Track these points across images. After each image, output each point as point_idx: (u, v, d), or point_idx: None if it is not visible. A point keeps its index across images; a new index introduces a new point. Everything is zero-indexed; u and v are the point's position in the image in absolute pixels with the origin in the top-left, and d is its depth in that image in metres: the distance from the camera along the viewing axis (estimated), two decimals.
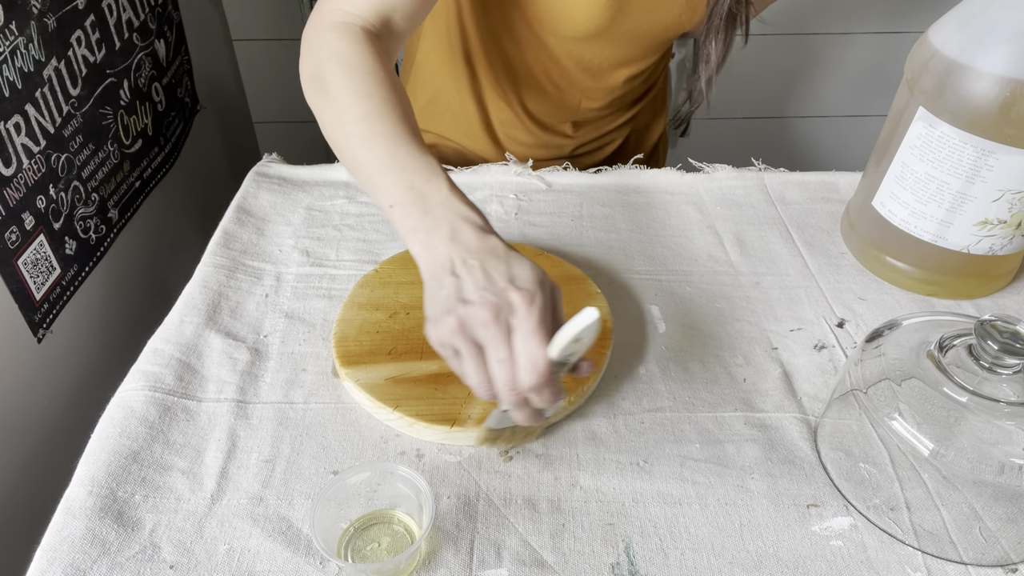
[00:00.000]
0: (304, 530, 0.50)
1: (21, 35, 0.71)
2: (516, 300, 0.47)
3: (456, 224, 0.51)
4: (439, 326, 0.48)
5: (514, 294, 0.47)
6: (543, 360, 0.46)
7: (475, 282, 0.47)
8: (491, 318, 0.46)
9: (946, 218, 0.66)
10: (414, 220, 0.52)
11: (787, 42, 1.55)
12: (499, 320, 0.46)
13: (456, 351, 0.48)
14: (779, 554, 0.50)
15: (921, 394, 0.49)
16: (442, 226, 0.51)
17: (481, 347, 0.47)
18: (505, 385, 0.47)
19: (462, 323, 0.47)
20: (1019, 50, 0.58)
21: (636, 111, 0.92)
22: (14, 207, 0.71)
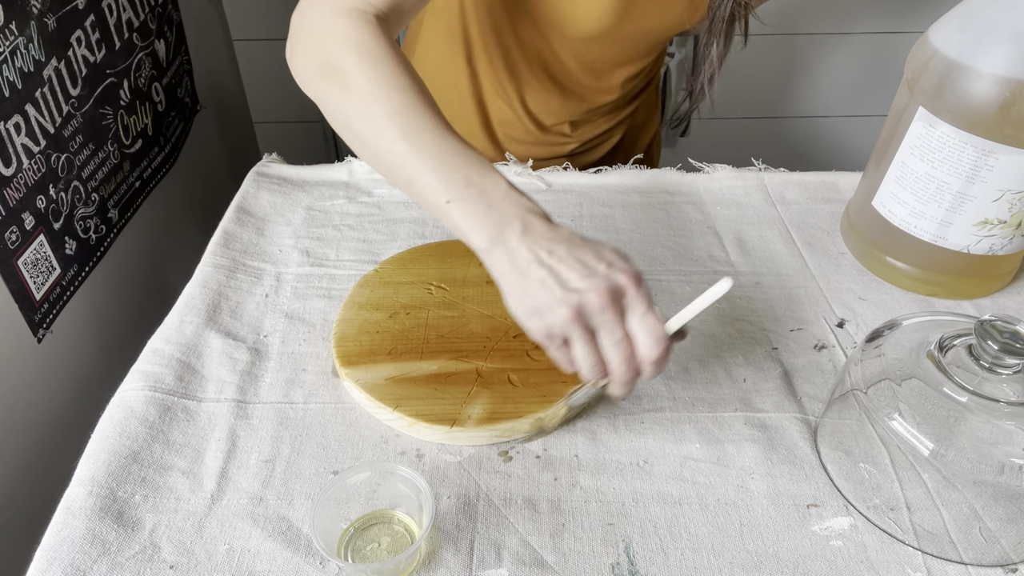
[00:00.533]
0: (304, 530, 0.50)
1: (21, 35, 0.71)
2: (624, 281, 0.48)
3: (525, 217, 0.51)
4: (550, 316, 0.48)
5: (620, 276, 0.48)
6: (664, 334, 0.48)
7: (574, 270, 0.48)
8: (608, 302, 0.47)
9: (946, 218, 0.66)
10: (478, 216, 0.51)
11: (788, 42, 1.55)
12: (615, 303, 0.48)
13: (565, 340, 0.49)
14: (779, 554, 0.50)
15: (921, 394, 0.49)
16: (511, 220, 0.51)
17: (593, 331, 0.49)
18: (622, 363, 0.49)
19: (578, 311, 0.48)
20: (1019, 50, 0.58)
21: (632, 109, 0.92)
22: (14, 207, 0.71)
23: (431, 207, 0.54)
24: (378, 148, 0.55)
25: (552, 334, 0.49)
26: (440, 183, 0.52)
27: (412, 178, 0.53)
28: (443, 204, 0.52)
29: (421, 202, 0.54)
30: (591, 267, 0.49)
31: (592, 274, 0.48)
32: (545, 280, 0.48)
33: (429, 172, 0.52)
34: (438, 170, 0.52)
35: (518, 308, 0.50)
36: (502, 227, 0.51)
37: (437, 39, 0.84)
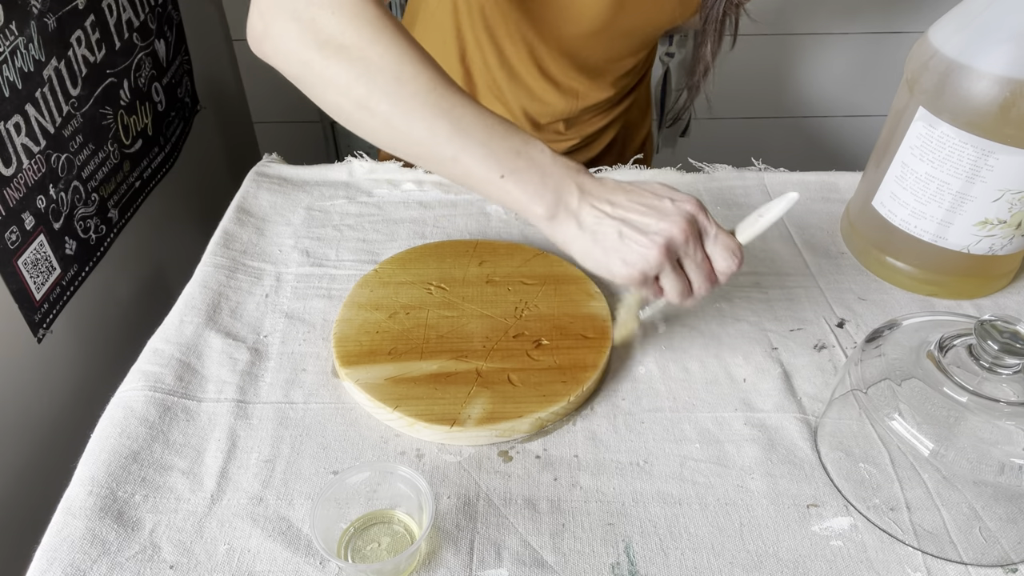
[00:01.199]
0: (304, 530, 0.50)
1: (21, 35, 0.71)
2: (693, 209, 0.52)
3: (577, 179, 0.53)
4: (643, 262, 0.51)
5: (686, 205, 0.52)
6: (738, 246, 0.54)
7: (645, 214, 0.52)
8: (691, 232, 0.52)
9: (946, 218, 0.66)
10: (535, 185, 0.52)
11: (788, 42, 1.55)
12: (695, 231, 0.52)
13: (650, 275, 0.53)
14: (779, 554, 0.50)
15: (921, 394, 0.49)
16: (567, 184, 0.52)
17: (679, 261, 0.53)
18: (704, 282, 0.54)
19: (667, 248, 0.51)
20: (1019, 50, 0.58)
21: (625, 107, 0.92)
22: (14, 207, 0.71)
23: (480, 183, 0.53)
24: (411, 127, 0.52)
25: (647, 277, 0.52)
26: (492, 157, 0.52)
27: (458, 155, 0.52)
28: (497, 179, 0.52)
29: (467, 179, 0.53)
30: (657, 207, 0.52)
31: (663, 212, 0.52)
32: (622, 231, 0.51)
33: (479, 147, 0.52)
34: (487, 144, 0.52)
35: (600, 264, 0.53)
36: (559, 192, 0.52)
37: (430, 38, 0.84)
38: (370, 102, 0.52)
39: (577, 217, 0.52)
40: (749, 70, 1.60)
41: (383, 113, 0.52)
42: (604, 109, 0.89)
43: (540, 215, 0.53)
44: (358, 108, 0.52)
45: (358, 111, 0.53)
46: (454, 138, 0.52)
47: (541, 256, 0.71)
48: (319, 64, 0.52)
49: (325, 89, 0.53)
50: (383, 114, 0.52)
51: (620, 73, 0.84)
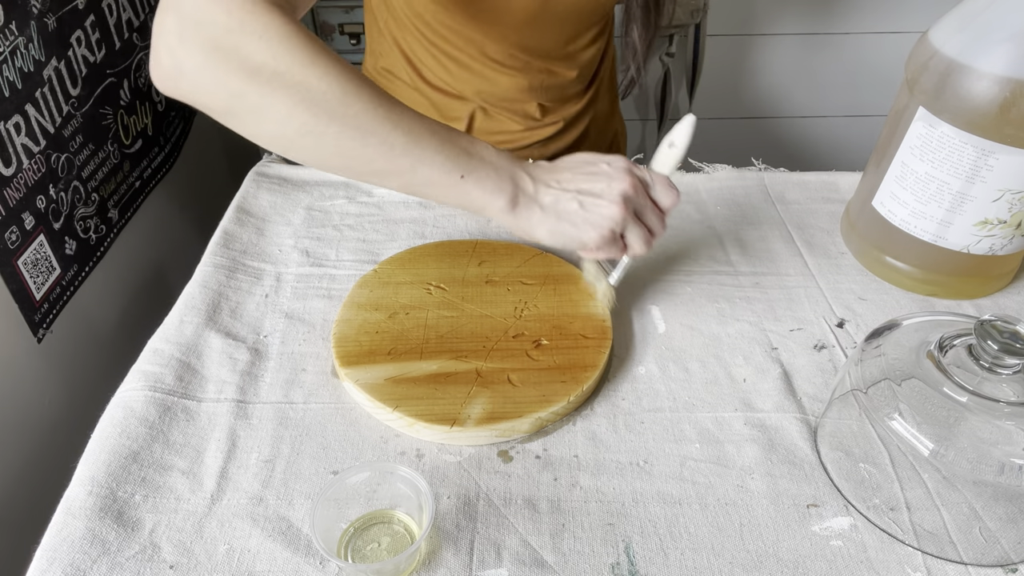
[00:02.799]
0: (304, 530, 0.50)
1: (21, 35, 0.71)
2: (627, 164, 0.58)
3: (524, 167, 0.57)
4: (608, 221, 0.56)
5: (621, 162, 0.58)
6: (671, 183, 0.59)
7: (592, 182, 0.56)
8: (637, 183, 0.57)
9: (946, 218, 0.66)
10: (492, 180, 0.55)
11: (787, 42, 1.55)
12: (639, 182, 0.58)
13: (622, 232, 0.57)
14: (779, 554, 0.50)
15: (921, 394, 0.49)
16: (516, 174, 0.56)
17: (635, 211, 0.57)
18: (659, 223, 0.59)
19: (626, 201, 0.56)
20: (1019, 50, 0.58)
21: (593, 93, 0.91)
22: (14, 207, 0.71)
23: (440, 188, 0.54)
24: (365, 144, 0.51)
25: (614, 235, 0.57)
26: (449, 160, 0.53)
27: (415, 165, 0.52)
28: (458, 180, 0.53)
29: (426, 186, 0.53)
30: (599, 171, 0.57)
31: (606, 174, 0.56)
32: (582, 201, 0.56)
33: (434, 153, 0.52)
34: (441, 150, 0.53)
35: (571, 237, 0.56)
36: (515, 182, 0.55)
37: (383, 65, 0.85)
38: (317, 126, 0.50)
39: (536, 200, 0.56)
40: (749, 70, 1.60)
41: (332, 135, 0.50)
42: (573, 94, 0.89)
43: (502, 207, 0.55)
44: (303, 134, 0.50)
45: (303, 137, 0.50)
46: (410, 148, 0.51)
47: (540, 256, 0.71)
48: (253, 94, 0.49)
49: (261, 120, 0.50)
50: (333, 135, 0.50)
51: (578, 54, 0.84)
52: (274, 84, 0.49)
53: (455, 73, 0.83)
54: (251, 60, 0.48)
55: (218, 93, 0.50)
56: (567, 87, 0.86)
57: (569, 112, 0.89)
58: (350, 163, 0.53)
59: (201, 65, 0.49)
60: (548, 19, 0.78)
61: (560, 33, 0.81)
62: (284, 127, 0.50)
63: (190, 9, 0.48)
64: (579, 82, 0.87)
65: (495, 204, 0.55)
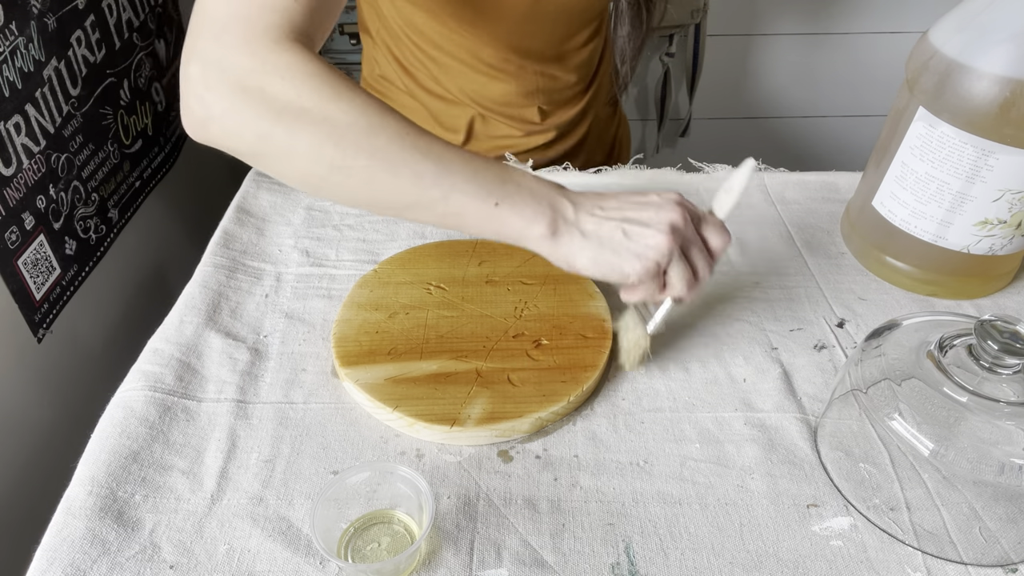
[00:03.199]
0: (304, 530, 0.50)
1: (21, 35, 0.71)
2: (679, 197, 0.54)
3: (562, 194, 0.53)
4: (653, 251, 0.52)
5: (673, 195, 0.54)
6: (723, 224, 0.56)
7: (643, 208, 0.53)
8: (689, 219, 0.54)
9: (946, 218, 0.66)
10: (531, 207, 0.52)
11: (787, 42, 1.55)
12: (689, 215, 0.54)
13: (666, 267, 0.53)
14: (779, 554, 0.50)
15: (921, 394, 0.49)
16: (556, 201, 0.53)
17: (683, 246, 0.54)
18: (707, 266, 0.55)
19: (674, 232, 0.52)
20: (1019, 50, 0.58)
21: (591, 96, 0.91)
22: (14, 207, 0.71)
23: (474, 217, 0.52)
24: (396, 176, 0.50)
25: (659, 265, 0.53)
26: (482, 188, 0.51)
27: (448, 194, 0.50)
28: (492, 208, 0.51)
29: (459, 216, 0.52)
30: (647, 201, 0.54)
31: (655, 204, 0.53)
32: (626, 229, 0.52)
33: (467, 182, 0.51)
34: (474, 178, 0.51)
35: (612, 266, 0.52)
36: (555, 208, 0.52)
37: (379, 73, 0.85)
38: (345, 161, 0.49)
39: (578, 227, 0.52)
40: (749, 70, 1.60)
41: (362, 168, 0.49)
42: (571, 97, 0.89)
43: (541, 235, 0.52)
44: (333, 171, 0.50)
45: (333, 174, 0.50)
46: (441, 178, 0.50)
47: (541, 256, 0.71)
48: (280, 134, 0.49)
49: (289, 159, 0.50)
50: (362, 169, 0.49)
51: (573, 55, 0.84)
52: (301, 121, 0.48)
53: (449, 80, 0.83)
54: (276, 100, 0.48)
55: (246, 135, 0.50)
56: (565, 89, 0.86)
57: (569, 115, 0.89)
58: (379, 197, 0.52)
59: (228, 109, 0.49)
60: (539, 20, 0.78)
61: (552, 34, 0.81)
62: (313, 165, 0.50)
63: (213, 55, 0.49)
64: (577, 84, 0.87)
65: (533, 231, 0.52)
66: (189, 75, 0.50)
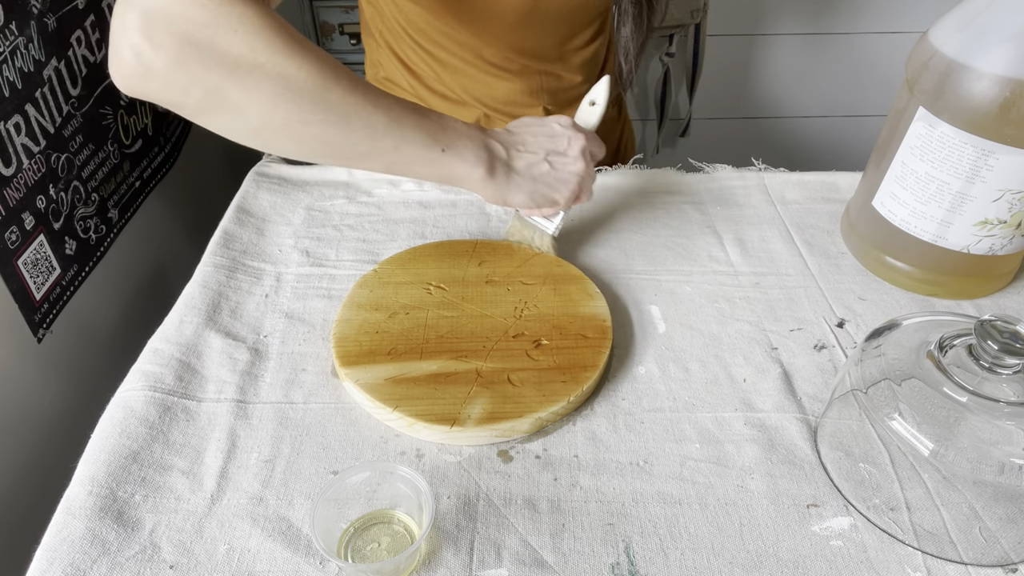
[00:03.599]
0: (304, 530, 0.50)
1: (21, 35, 0.71)
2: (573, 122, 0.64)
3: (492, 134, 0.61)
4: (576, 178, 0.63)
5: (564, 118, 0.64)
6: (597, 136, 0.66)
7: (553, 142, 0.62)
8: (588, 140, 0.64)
9: (946, 218, 0.66)
10: (470, 151, 0.58)
11: (787, 42, 1.55)
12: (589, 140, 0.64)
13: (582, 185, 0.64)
14: (779, 554, 0.50)
15: (921, 394, 0.49)
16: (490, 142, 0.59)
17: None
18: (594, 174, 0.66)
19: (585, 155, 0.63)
20: (1019, 50, 0.58)
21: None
22: (14, 207, 0.71)
23: (423, 163, 0.56)
24: (350, 129, 0.51)
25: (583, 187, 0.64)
26: (429, 136, 0.55)
27: (399, 144, 0.54)
28: (439, 155, 0.56)
29: (409, 163, 0.56)
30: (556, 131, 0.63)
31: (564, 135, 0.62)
32: (551, 160, 0.62)
33: (414, 130, 0.55)
34: (420, 126, 0.55)
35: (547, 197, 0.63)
36: (490, 150, 0.59)
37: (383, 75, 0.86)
38: (302, 115, 0.50)
39: (511, 165, 0.60)
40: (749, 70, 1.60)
41: (317, 122, 0.50)
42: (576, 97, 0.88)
43: (480, 177, 0.58)
44: (288, 124, 0.50)
45: (288, 127, 0.50)
46: (392, 128, 0.53)
47: (540, 256, 0.71)
48: (233, 88, 0.48)
49: (242, 114, 0.49)
50: (318, 124, 0.50)
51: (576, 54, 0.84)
52: (255, 76, 0.48)
53: (453, 80, 0.83)
54: (229, 54, 0.47)
55: (193, 91, 0.48)
56: (570, 89, 0.86)
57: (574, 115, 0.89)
58: (335, 149, 0.53)
59: (173, 62, 0.46)
60: (540, 19, 0.78)
61: (554, 33, 0.81)
62: (267, 119, 0.49)
63: (157, 4, 0.45)
64: (582, 84, 0.87)
65: (474, 174, 0.58)
66: (126, 22, 0.46)
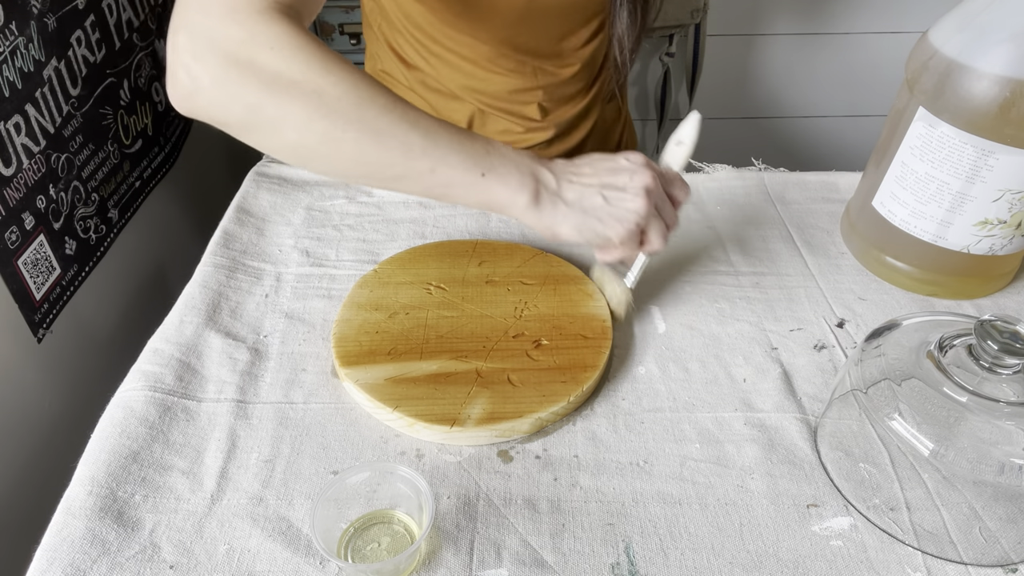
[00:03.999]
0: (304, 530, 0.50)
1: (21, 35, 0.71)
2: (645, 160, 0.58)
3: (541, 163, 0.56)
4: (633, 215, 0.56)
5: (637, 156, 0.58)
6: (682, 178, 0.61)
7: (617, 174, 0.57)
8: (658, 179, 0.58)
9: (946, 218, 0.66)
10: (515, 177, 0.54)
11: (787, 42, 1.55)
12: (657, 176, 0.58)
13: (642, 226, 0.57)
14: (779, 554, 0.50)
15: (921, 394, 0.49)
16: (537, 170, 0.56)
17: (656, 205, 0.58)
18: (674, 217, 0.60)
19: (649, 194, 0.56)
20: (1019, 50, 0.58)
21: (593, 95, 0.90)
22: (14, 207, 0.71)
23: (461, 187, 0.53)
24: (385, 147, 0.51)
25: (639, 226, 0.57)
26: (469, 159, 0.53)
27: (436, 166, 0.52)
28: (479, 179, 0.53)
29: (447, 187, 0.53)
30: (618, 166, 0.57)
31: (628, 170, 0.57)
32: (605, 195, 0.56)
33: (453, 153, 0.52)
34: (460, 149, 0.52)
35: (596, 232, 0.56)
36: (537, 178, 0.55)
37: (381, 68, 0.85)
38: (335, 132, 0.50)
39: (560, 195, 0.55)
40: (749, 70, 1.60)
41: (351, 140, 0.50)
42: (572, 95, 0.88)
43: (525, 204, 0.54)
44: (322, 142, 0.50)
45: (323, 145, 0.51)
46: (429, 149, 0.52)
47: (541, 256, 0.71)
48: (270, 105, 0.49)
49: (279, 131, 0.50)
50: (351, 141, 0.50)
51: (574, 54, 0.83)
52: (291, 93, 0.49)
53: (448, 74, 0.83)
54: (265, 72, 0.48)
55: (234, 107, 0.50)
56: (565, 87, 0.86)
57: (570, 113, 0.88)
58: (370, 169, 0.53)
59: (217, 80, 0.49)
60: (537, 16, 0.78)
61: (551, 30, 0.81)
62: (303, 136, 0.50)
63: (202, 26, 0.49)
64: (578, 82, 0.87)
65: (518, 201, 0.54)
66: (177, 45, 0.49)
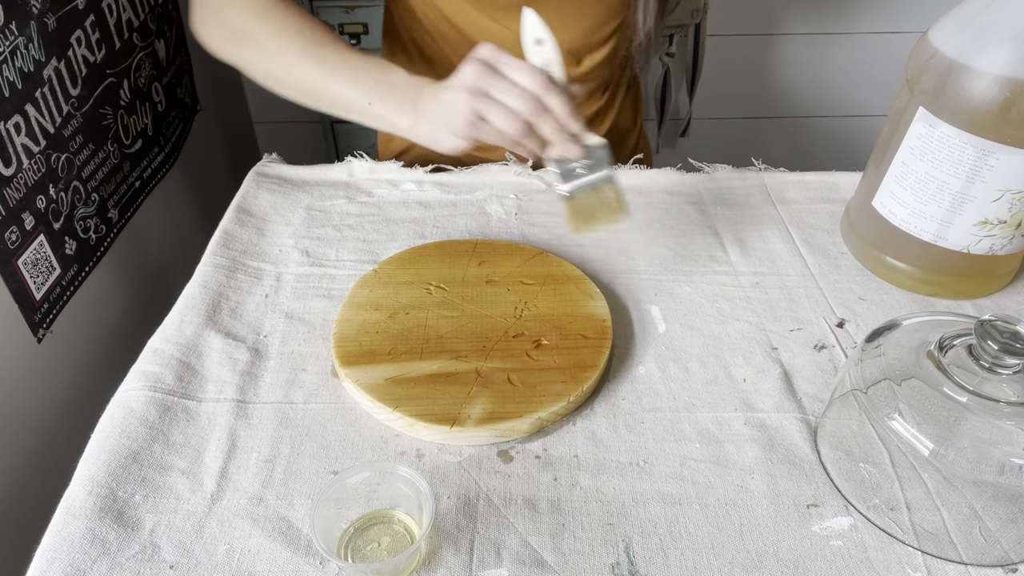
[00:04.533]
0: (304, 530, 0.50)
1: (21, 35, 0.71)
2: (480, 53, 0.60)
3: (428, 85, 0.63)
4: (453, 106, 0.60)
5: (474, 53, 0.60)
6: (527, 64, 0.60)
7: (452, 79, 0.61)
8: (481, 68, 0.59)
9: (946, 218, 0.66)
10: (395, 101, 0.64)
11: (787, 42, 1.56)
12: (486, 67, 0.60)
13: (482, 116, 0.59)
14: (779, 554, 0.50)
15: (921, 394, 0.49)
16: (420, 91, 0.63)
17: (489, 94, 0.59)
18: (522, 102, 0.59)
19: (464, 87, 0.59)
20: (1019, 50, 0.58)
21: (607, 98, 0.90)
22: (14, 207, 0.71)
23: (358, 114, 0.66)
24: (300, 82, 0.67)
25: (470, 121, 0.59)
26: (358, 91, 0.64)
27: (336, 96, 0.66)
28: (367, 107, 0.64)
29: (349, 114, 0.66)
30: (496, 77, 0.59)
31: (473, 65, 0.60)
32: (438, 96, 0.61)
33: (346, 86, 0.65)
34: (353, 82, 0.65)
35: (439, 132, 0.62)
36: (415, 102, 0.63)
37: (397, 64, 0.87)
38: (269, 72, 0.69)
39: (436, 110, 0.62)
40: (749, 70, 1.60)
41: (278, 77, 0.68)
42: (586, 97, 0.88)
43: (404, 125, 0.64)
44: (264, 79, 0.70)
45: (265, 80, 0.69)
46: (330, 83, 0.66)
47: (541, 256, 0.71)
48: (230, 51, 0.70)
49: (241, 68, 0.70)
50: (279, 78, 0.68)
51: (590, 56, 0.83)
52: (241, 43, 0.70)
53: None
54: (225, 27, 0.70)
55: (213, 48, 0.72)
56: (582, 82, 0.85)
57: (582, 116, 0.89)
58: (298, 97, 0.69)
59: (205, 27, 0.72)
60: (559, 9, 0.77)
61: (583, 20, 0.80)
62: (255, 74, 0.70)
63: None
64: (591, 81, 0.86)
65: (399, 123, 0.64)
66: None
